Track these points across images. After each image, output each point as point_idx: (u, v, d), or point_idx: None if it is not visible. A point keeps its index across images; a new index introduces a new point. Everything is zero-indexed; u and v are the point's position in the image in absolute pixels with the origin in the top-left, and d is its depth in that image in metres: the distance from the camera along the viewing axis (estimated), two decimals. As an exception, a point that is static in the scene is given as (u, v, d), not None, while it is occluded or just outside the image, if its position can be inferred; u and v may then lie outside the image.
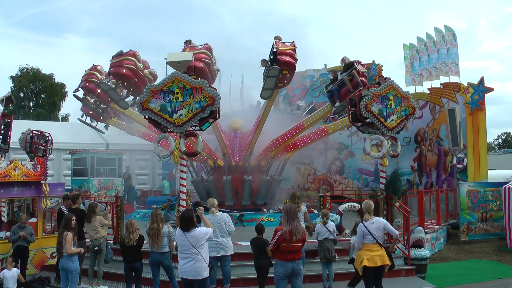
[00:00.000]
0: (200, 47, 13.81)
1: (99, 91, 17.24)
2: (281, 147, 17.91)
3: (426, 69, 21.27)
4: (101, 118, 18.90)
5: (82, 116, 19.26)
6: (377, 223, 8.26)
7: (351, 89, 14.05)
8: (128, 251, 8.81)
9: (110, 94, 16.22)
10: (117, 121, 19.39)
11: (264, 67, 15.28)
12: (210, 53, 13.78)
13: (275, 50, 13.70)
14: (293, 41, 14.24)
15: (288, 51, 13.84)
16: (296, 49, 14.02)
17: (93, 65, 17.65)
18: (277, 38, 14.11)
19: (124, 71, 14.90)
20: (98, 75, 17.22)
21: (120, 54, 15.01)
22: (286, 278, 7.24)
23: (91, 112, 18.67)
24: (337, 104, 14.98)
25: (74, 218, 8.80)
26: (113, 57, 15.25)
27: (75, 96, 18.20)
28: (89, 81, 17.18)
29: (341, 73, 14.89)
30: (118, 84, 15.82)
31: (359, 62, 14.79)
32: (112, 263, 11.00)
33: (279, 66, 13.45)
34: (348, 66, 14.54)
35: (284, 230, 7.08)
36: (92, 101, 18.40)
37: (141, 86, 17.08)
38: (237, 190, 17.63)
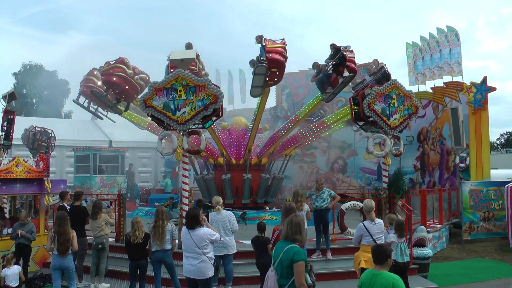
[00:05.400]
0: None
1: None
2: (279, 142, 18.00)
3: (429, 69, 21.22)
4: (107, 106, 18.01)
5: (77, 99, 18.11)
6: (379, 225, 8.19)
7: (338, 76, 14.10)
8: (134, 249, 8.81)
9: (103, 101, 16.44)
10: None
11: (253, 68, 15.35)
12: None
13: (261, 47, 13.57)
14: (283, 39, 14.07)
15: (277, 48, 13.67)
16: (286, 47, 13.84)
17: (92, 69, 17.58)
18: (259, 37, 13.90)
19: (114, 79, 15.05)
20: (95, 80, 17.19)
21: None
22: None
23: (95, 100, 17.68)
24: (329, 90, 14.83)
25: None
26: (105, 64, 15.37)
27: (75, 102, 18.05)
28: (87, 86, 17.16)
29: (330, 59, 14.63)
30: (109, 92, 15.94)
31: (347, 49, 14.32)
32: (115, 261, 11.04)
33: (268, 64, 13.34)
34: (336, 52, 14.25)
35: (280, 229, 7.07)
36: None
37: (132, 92, 17.29)
38: (237, 188, 17.71)
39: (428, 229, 13.02)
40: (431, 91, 20.61)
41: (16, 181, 11.34)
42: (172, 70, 14.44)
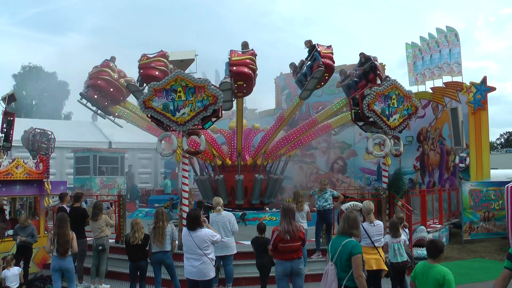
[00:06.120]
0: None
1: (112, 89, 17.06)
2: (292, 143, 18.12)
3: (428, 69, 21.24)
4: (106, 104, 17.93)
5: (81, 99, 17.86)
6: (378, 226, 8.19)
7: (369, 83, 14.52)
8: (133, 250, 8.81)
9: (137, 96, 16.12)
10: (122, 108, 18.34)
11: (293, 71, 15.66)
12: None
13: (316, 52, 14.16)
14: (331, 45, 14.97)
15: (329, 54, 14.61)
16: (333, 53, 14.78)
17: (105, 61, 17.31)
18: (309, 41, 14.71)
19: (156, 73, 15.09)
20: (111, 72, 17.01)
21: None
22: (287, 277, 7.19)
23: (95, 96, 17.52)
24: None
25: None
26: (142, 57, 15.46)
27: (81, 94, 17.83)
28: (101, 78, 16.88)
29: (358, 67, 15.41)
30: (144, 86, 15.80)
31: (375, 59, 15.22)
32: (115, 262, 11.03)
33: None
34: (366, 60, 15.02)
35: (279, 230, 7.07)
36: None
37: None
38: (246, 188, 17.70)
39: (428, 229, 13.02)
40: (431, 91, 20.62)
41: (16, 183, 11.31)
42: (234, 68, 14.31)
